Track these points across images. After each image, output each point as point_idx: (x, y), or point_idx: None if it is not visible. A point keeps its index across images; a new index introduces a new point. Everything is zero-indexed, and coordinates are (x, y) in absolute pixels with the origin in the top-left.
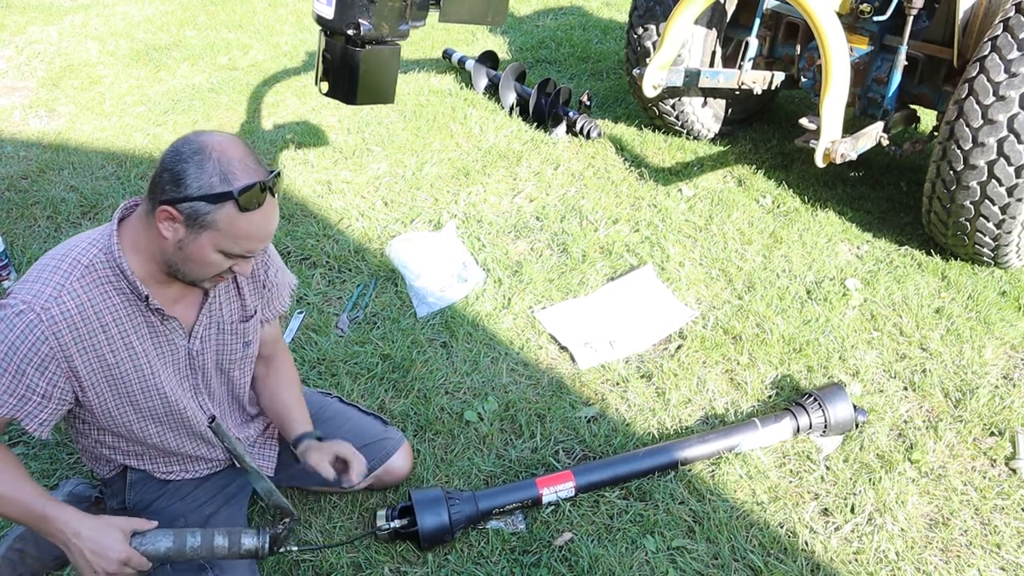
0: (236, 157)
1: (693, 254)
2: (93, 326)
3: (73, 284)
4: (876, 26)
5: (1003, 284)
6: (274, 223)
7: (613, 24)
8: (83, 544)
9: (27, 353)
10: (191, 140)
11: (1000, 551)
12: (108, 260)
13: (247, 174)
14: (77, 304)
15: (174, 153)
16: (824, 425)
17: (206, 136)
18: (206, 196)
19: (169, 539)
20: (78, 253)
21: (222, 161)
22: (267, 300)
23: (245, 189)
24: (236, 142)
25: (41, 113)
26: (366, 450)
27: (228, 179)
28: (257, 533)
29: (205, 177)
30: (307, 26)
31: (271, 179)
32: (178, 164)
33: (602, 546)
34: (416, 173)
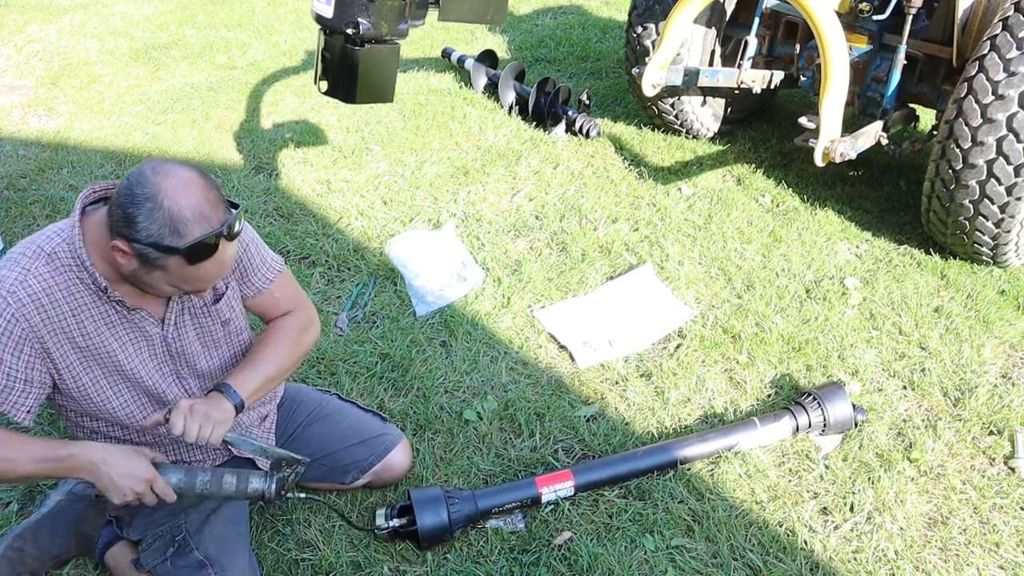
0: (189, 206)
1: (692, 253)
2: (61, 309)
3: (39, 269)
4: (875, 25)
5: (1002, 283)
6: (229, 263)
7: (612, 23)
8: (112, 468)
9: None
10: (146, 181)
11: (999, 550)
12: (71, 251)
13: (200, 225)
14: (43, 287)
15: (128, 193)
16: (823, 424)
17: (161, 178)
18: (155, 245)
19: (181, 473)
20: (42, 241)
21: (173, 211)
22: (242, 275)
23: (193, 245)
24: (192, 185)
25: (40, 112)
26: (365, 446)
27: (178, 231)
28: (265, 477)
29: (155, 227)
30: (306, 25)
31: (225, 227)
32: (130, 207)
33: (601, 545)
34: (415, 172)
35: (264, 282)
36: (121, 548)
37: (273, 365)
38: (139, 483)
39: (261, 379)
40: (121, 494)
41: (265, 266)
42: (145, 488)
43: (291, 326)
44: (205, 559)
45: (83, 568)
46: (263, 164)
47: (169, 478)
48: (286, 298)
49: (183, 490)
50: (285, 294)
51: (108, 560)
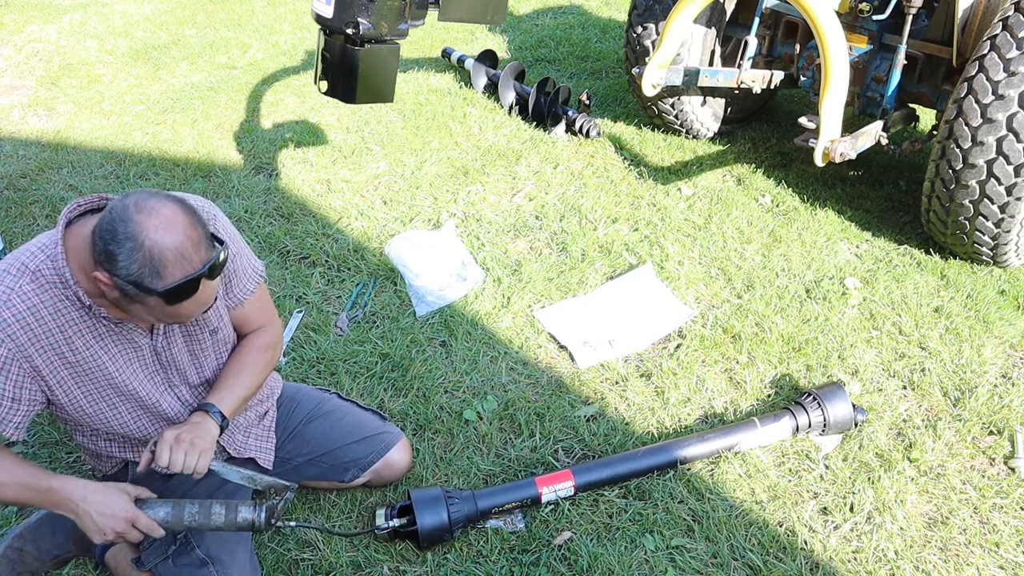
0: (170, 247)
1: (692, 253)
2: (48, 327)
3: (23, 287)
4: (875, 25)
5: (1002, 283)
6: (210, 299)
7: (612, 23)
8: (91, 507)
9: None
10: (129, 219)
11: (999, 550)
12: (54, 267)
13: (180, 266)
14: (28, 306)
15: (110, 229)
16: (823, 424)
17: (144, 216)
18: (135, 284)
19: (168, 506)
20: (26, 258)
21: (153, 253)
22: (226, 285)
23: (173, 288)
24: (174, 224)
25: (40, 112)
26: (364, 443)
27: (158, 272)
28: (254, 506)
29: (135, 268)
30: (306, 25)
31: (207, 268)
32: (111, 244)
33: (601, 545)
34: (415, 172)
35: (245, 293)
36: (121, 548)
37: (251, 384)
38: (119, 522)
39: (241, 398)
40: (101, 533)
41: (247, 277)
42: (126, 527)
43: (263, 344)
44: (206, 557)
45: (83, 568)
46: (263, 164)
47: (156, 513)
48: (260, 312)
49: (171, 524)
50: (258, 308)
51: (108, 560)
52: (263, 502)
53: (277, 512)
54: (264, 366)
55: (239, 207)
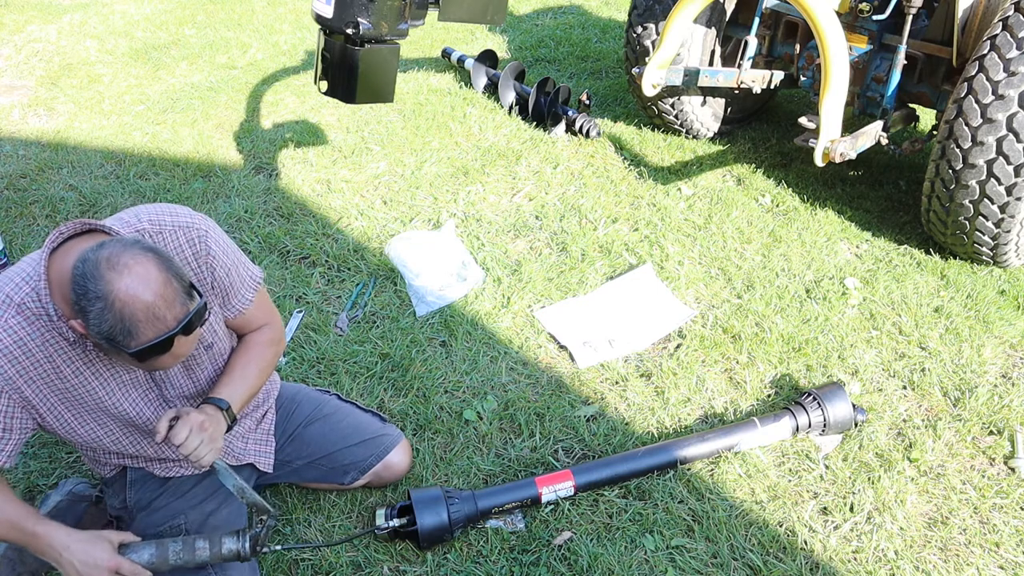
0: (142, 307)
1: (692, 253)
2: (36, 358)
3: (9, 321)
4: (875, 25)
5: (1002, 283)
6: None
7: (612, 23)
8: (73, 557)
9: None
10: (99, 277)
11: (999, 550)
12: (39, 300)
13: (152, 327)
14: (15, 339)
15: (81, 285)
16: (823, 424)
17: (115, 275)
18: (107, 339)
19: (152, 548)
20: (10, 290)
21: (124, 314)
22: (223, 299)
23: (144, 350)
24: (147, 282)
25: (40, 112)
26: (364, 446)
27: (131, 333)
28: (238, 536)
29: (105, 327)
30: (306, 25)
31: (180, 327)
32: (82, 300)
33: (601, 545)
34: (415, 172)
35: (244, 303)
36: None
37: (258, 379)
38: (102, 572)
39: (249, 393)
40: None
41: (244, 287)
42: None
43: (268, 339)
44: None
45: None
46: (263, 164)
47: (140, 556)
48: (261, 314)
49: (156, 565)
50: (259, 310)
51: None
52: (246, 531)
53: (261, 539)
54: (269, 360)
55: (239, 207)
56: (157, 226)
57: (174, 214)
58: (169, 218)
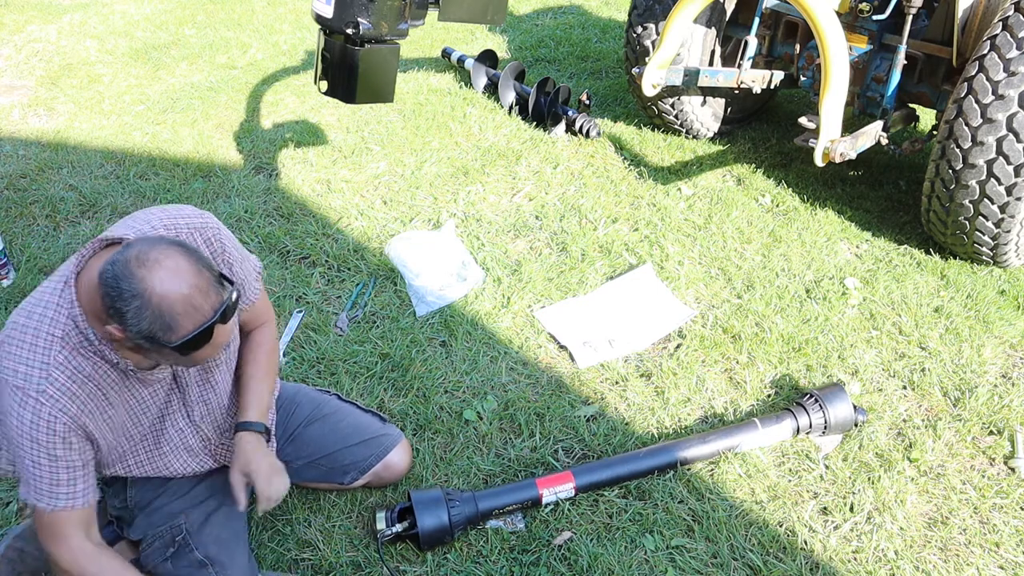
0: (179, 300)
1: (692, 253)
2: (89, 388)
3: (58, 357)
4: (875, 25)
5: (1002, 283)
6: (226, 338)
7: (612, 23)
8: None
9: (49, 437)
10: (131, 275)
11: (999, 550)
12: (78, 329)
13: (191, 318)
14: (68, 375)
15: (114, 287)
16: (824, 425)
17: (147, 271)
18: (147, 338)
19: None
20: (48, 327)
21: (162, 308)
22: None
23: (186, 342)
24: (180, 275)
25: (40, 112)
26: (364, 446)
27: (169, 327)
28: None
29: (144, 324)
30: (306, 25)
31: (218, 315)
32: (117, 302)
33: (601, 545)
34: (415, 172)
35: (255, 294)
36: (121, 548)
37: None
38: None
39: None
40: None
41: (252, 278)
42: None
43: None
44: (205, 559)
45: None
46: (263, 164)
47: None
48: (265, 305)
49: None
50: (263, 301)
51: None
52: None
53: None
54: (276, 364)
55: (239, 207)
56: (173, 230)
57: (184, 216)
58: (183, 220)
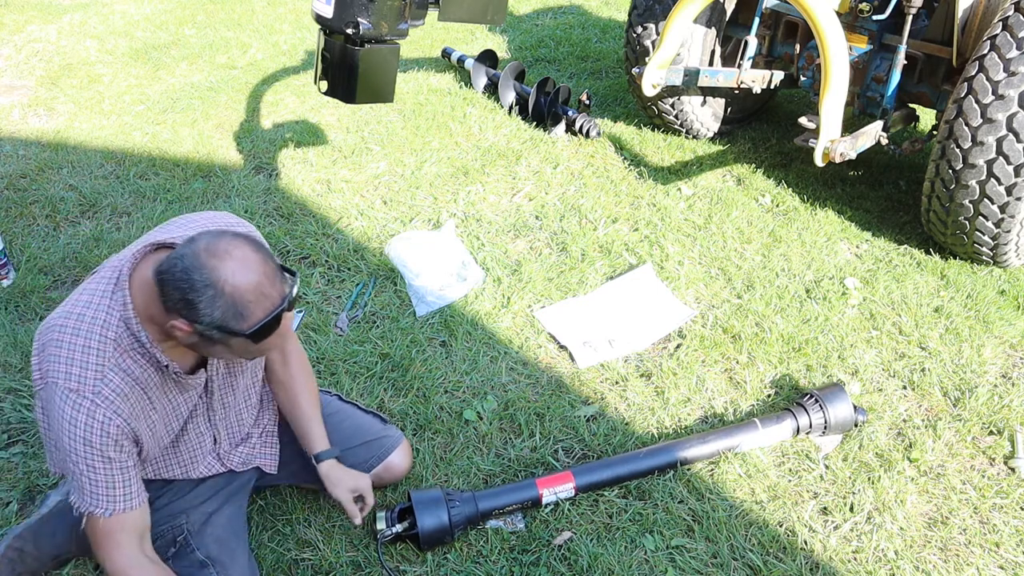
0: (250, 288)
1: (692, 253)
2: (137, 392)
3: (111, 360)
4: (875, 25)
5: (1002, 283)
6: (288, 328)
7: (612, 23)
8: None
9: (103, 439)
10: (202, 265)
11: (999, 550)
12: (129, 331)
13: (261, 306)
14: (121, 377)
15: (185, 279)
16: (824, 425)
17: (218, 261)
18: (219, 328)
19: None
20: (101, 329)
21: (235, 296)
22: None
23: (258, 329)
24: (249, 264)
25: (40, 112)
26: (365, 447)
27: (241, 315)
28: None
29: (217, 314)
30: (306, 25)
31: (286, 302)
32: (189, 293)
33: (601, 545)
34: (415, 172)
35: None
36: None
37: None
38: None
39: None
40: None
41: None
42: None
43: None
44: (206, 559)
45: (83, 568)
46: (263, 164)
47: None
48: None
49: None
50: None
51: None
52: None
53: None
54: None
55: (239, 207)
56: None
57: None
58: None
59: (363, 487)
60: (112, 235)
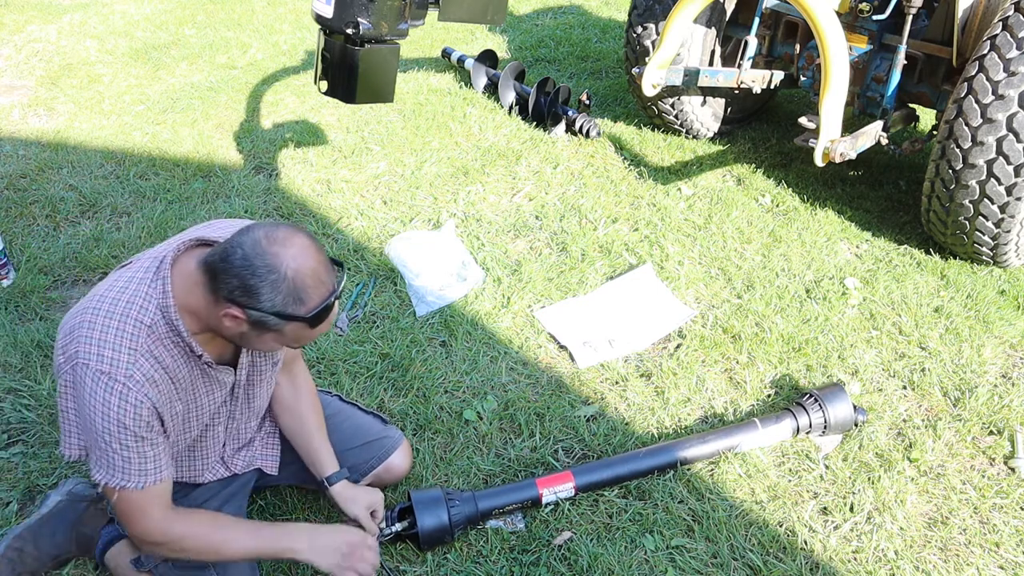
0: (309, 273)
1: (692, 253)
2: (165, 381)
3: (144, 345)
4: (875, 25)
5: (1002, 283)
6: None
7: (612, 23)
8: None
9: (136, 421)
10: (264, 251)
11: (999, 550)
12: (165, 319)
13: (319, 291)
14: (151, 364)
15: (245, 264)
16: (824, 425)
17: (279, 248)
18: (278, 313)
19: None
20: (138, 312)
21: (296, 281)
22: None
23: (318, 312)
24: (307, 251)
25: (40, 112)
26: (366, 448)
27: (302, 299)
28: None
29: (279, 298)
30: (306, 25)
31: (339, 290)
32: (251, 278)
33: (601, 545)
34: (415, 172)
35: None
36: (121, 548)
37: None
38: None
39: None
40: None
41: None
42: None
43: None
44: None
45: (83, 568)
46: (263, 164)
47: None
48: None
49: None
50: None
51: (108, 560)
52: None
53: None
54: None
55: (239, 207)
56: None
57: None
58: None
59: (377, 502)
60: (112, 235)
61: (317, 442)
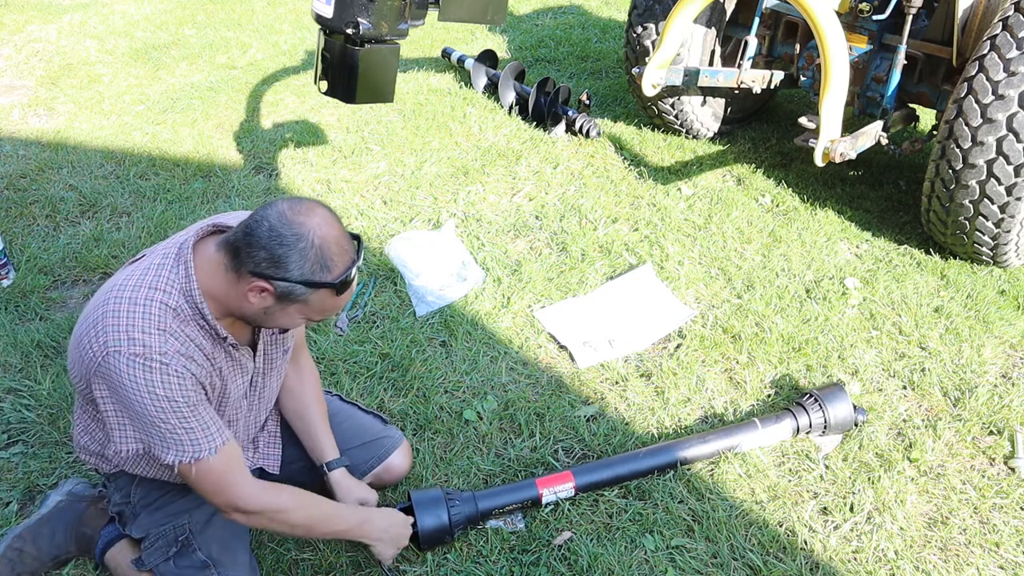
0: (333, 240)
1: (692, 253)
2: (200, 355)
3: (172, 326)
4: (875, 25)
5: (1002, 283)
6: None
7: (612, 23)
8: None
9: (183, 391)
10: (290, 221)
11: (999, 550)
12: (189, 303)
13: (343, 258)
14: (181, 341)
15: (272, 235)
16: (824, 425)
17: (304, 217)
18: (305, 281)
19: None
20: (162, 296)
21: (323, 249)
22: None
23: (344, 278)
24: (329, 220)
25: (40, 112)
26: (366, 448)
27: (328, 267)
28: None
29: (307, 265)
30: (306, 25)
31: (360, 257)
32: (279, 248)
33: (601, 545)
34: (415, 172)
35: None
36: (121, 548)
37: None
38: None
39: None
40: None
41: None
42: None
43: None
44: (207, 559)
45: (83, 568)
46: (263, 164)
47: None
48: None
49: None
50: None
51: (108, 560)
52: None
53: None
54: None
55: (239, 207)
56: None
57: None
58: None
59: (371, 501)
60: (112, 235)
61: (319, 428)
